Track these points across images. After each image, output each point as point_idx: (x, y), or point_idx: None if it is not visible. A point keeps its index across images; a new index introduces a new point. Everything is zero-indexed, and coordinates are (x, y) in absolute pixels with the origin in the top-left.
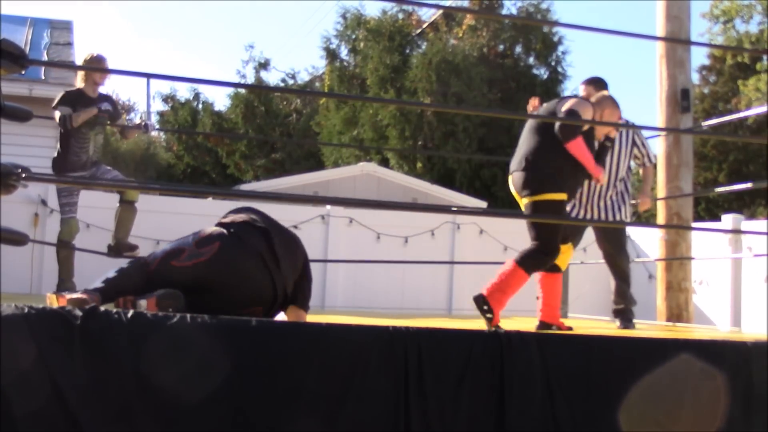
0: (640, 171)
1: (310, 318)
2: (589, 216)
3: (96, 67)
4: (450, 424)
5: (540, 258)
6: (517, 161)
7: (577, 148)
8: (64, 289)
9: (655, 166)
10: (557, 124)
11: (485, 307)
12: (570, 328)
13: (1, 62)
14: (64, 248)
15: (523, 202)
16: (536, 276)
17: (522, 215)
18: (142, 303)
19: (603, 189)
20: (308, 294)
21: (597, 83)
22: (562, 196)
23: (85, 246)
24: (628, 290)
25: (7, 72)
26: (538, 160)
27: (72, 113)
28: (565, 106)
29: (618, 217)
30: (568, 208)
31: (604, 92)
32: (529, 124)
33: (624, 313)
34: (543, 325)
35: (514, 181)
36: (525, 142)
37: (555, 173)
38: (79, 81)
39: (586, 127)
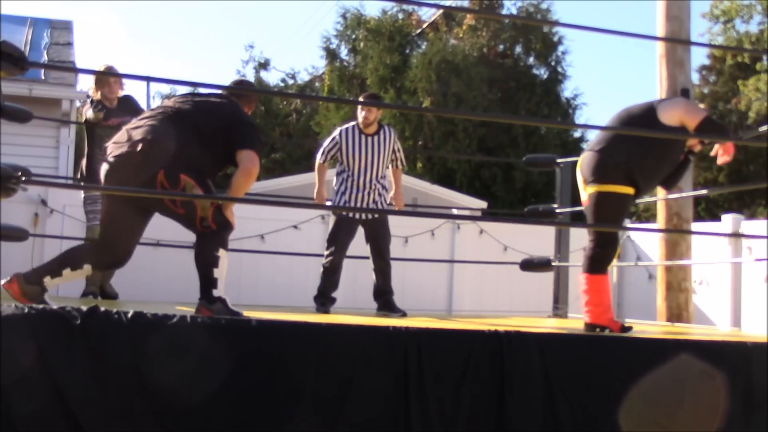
0: (390, 172)
1: (310, 318)
2: (358, 212)
3: (95, 71)
4: (450, 424)
5: (601, 253)
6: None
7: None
8: (88, 293)
9: (404, 168)
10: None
11: (598, 330)
12: (629, 328)
13: (1, 65)
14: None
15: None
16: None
17: (518, 220)
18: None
19: (369, 187)
20: (244, 135)
21: None
22: (629, 190)
23: None
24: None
25: (8, 74)
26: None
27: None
28: (688, 112)
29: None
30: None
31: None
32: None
33: (391, 296)
34: (590, 327)
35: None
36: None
37: (627, 164)
38: (92, 94)
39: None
